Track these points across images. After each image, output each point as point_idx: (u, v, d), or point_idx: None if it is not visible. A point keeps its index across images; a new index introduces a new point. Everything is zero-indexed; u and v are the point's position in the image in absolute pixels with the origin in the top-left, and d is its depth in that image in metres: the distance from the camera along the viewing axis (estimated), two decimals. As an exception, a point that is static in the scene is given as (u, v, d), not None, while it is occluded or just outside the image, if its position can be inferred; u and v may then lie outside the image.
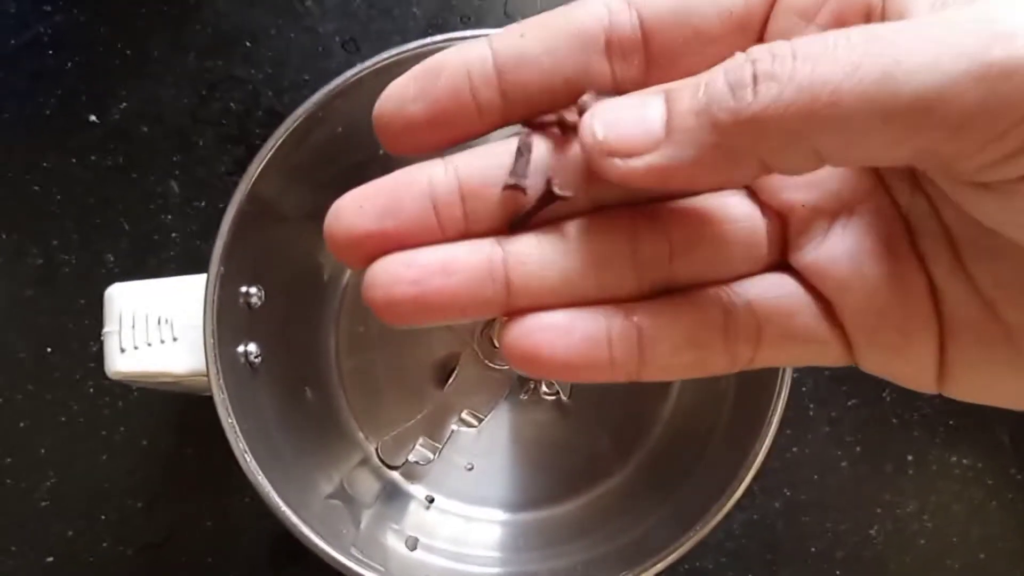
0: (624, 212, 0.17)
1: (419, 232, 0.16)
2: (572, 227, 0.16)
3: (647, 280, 0.16)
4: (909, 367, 0.16)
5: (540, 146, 0.16)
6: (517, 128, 0.17)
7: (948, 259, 0.16)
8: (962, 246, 0.15)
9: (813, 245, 0.16)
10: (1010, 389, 0.16)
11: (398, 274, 0.16)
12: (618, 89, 0.16)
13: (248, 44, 0.47)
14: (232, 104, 0.47)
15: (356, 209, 0.16)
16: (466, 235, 0.16)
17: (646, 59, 0.16)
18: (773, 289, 0.17)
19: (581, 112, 0.16)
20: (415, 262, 0.16)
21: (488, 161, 0.16)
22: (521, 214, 0.16)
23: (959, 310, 0.16)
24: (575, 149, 0.16)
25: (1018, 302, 0.15)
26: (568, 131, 0.16)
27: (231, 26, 0.47)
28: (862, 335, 0.16)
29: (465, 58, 0.16)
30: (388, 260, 0.16)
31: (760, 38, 0.16)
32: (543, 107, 0.16)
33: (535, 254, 0.16)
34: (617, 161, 0.14)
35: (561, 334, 0.16)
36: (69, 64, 0.47)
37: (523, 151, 0.16)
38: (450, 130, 0.16)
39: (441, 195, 0.16)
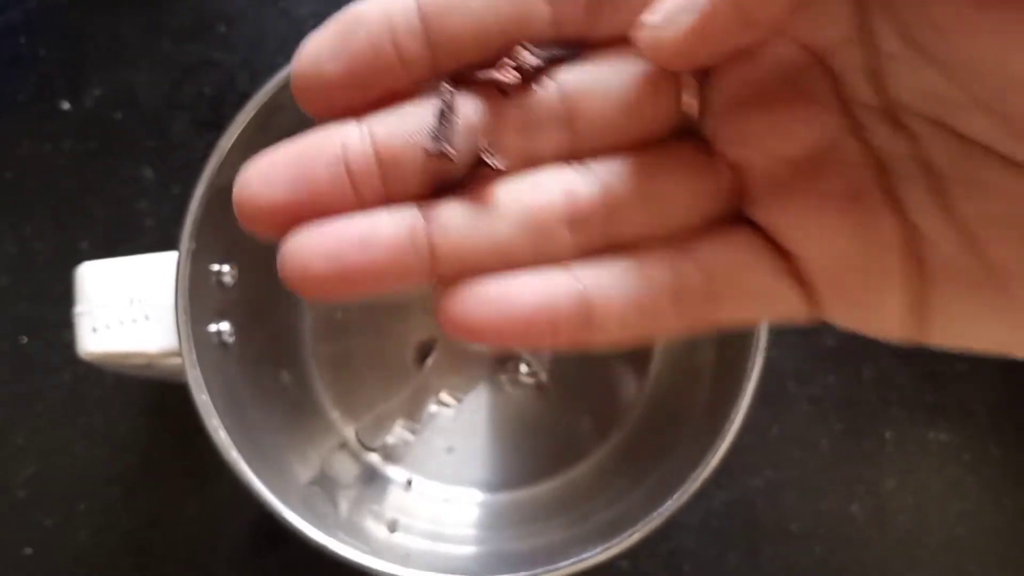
0: (555, 169, 0.16)
1: (334, 201, 0.15)
2: (501, 188, 0.15)
3: (585, 239, 0.15)
4: (879, 318, 0.16)
5: (468, 106, 0.15)
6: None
7: (931, 200, 0.15)
8: (947, 184, 0.15)
9: (772, 198, 0.16)
10: (992, 333, 0.15)
11: (314, 249, 0.15)
12: (560, 39, 0.15)
13: (223, 28, 0.47)
14: (207, 89, 0.46)
15: (264, 179, 0.15)
16: (387, 202, 0.15)
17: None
18: (727, 245, 0.16)
19: (520, 69, 0.15)
20: (331, 235, 0.15)
21: (407, 121, 0.15)
22: (448, 183, 0.15)
23: (942, 253, 0.15)
24: (513, 113, 0.15)
25: (1005, 237, 0.14)
26: (506, 92, 0.15)
27: (206, 10, 0.47)
28: (827, 288, 0.16)
29: (387, 7, 0.15)
30: (303, 235, 0.15)
31: None
32: (476, 60, 0.15)
33: (460, 220, 0.15)
34: None
35: (497, 301, 0.15)
36: (42, 50, 0.47)
37: (447, 112, 0.15)
38: (372, 89, 0.15)
39: (356, 161, 0.15)
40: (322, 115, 0.15)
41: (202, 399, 0.29)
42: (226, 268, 0.32)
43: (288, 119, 0.32)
